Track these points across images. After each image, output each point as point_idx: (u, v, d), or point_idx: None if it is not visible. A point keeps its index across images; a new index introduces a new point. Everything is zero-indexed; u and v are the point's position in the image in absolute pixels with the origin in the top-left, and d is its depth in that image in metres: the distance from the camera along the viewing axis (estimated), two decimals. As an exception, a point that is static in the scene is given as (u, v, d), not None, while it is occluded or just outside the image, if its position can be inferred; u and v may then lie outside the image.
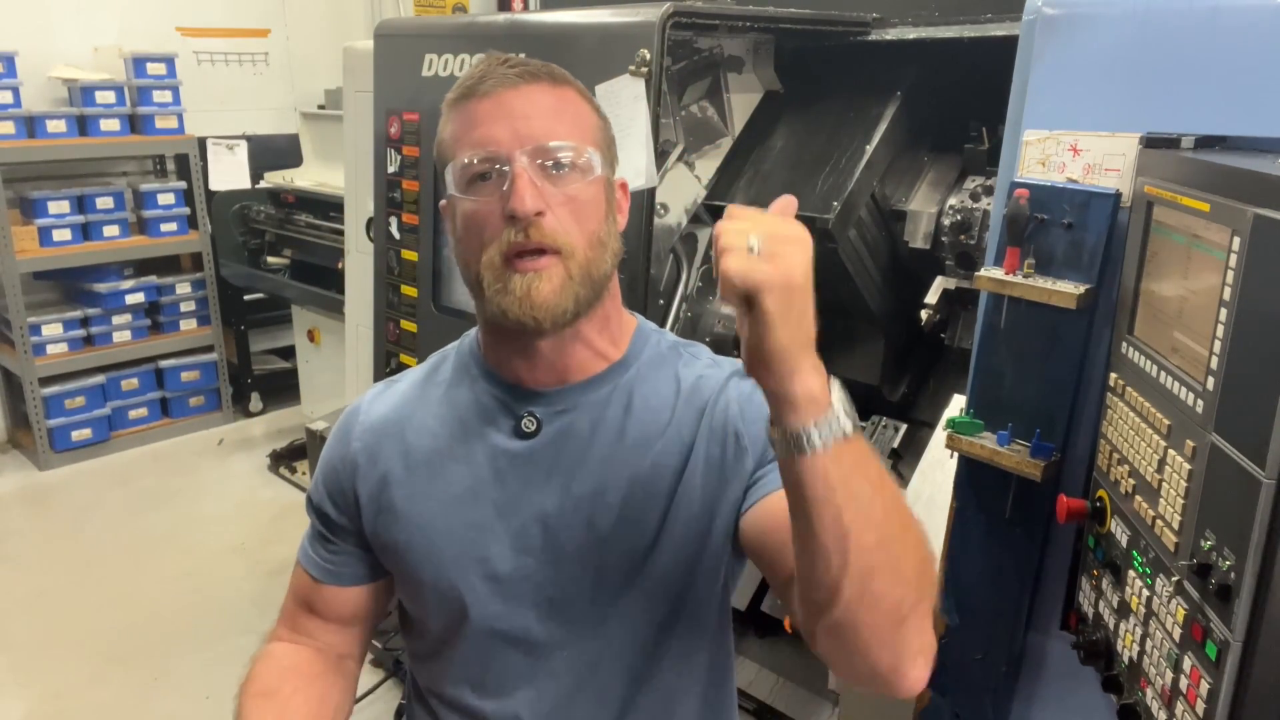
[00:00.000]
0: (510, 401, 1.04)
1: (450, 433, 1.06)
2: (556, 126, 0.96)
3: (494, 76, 0.97)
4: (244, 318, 4.85)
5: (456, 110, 0.99)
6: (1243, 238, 0.89)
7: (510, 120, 0.95)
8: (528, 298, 0.94)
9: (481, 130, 0.96)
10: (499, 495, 1.03)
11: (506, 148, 0.94)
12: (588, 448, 1.02)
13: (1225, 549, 0.92)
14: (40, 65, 4.31)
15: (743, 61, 2.23)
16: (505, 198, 0.94)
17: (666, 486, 1.02)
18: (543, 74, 0.99)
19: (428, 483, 1.05)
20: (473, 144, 0.96)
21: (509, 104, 0.96)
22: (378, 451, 1.08)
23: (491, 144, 0.95)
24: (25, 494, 4.20)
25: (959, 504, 1.42)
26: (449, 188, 0.99)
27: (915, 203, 2.09)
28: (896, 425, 2.26)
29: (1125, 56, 1.22)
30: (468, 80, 0.99)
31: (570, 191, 0.96)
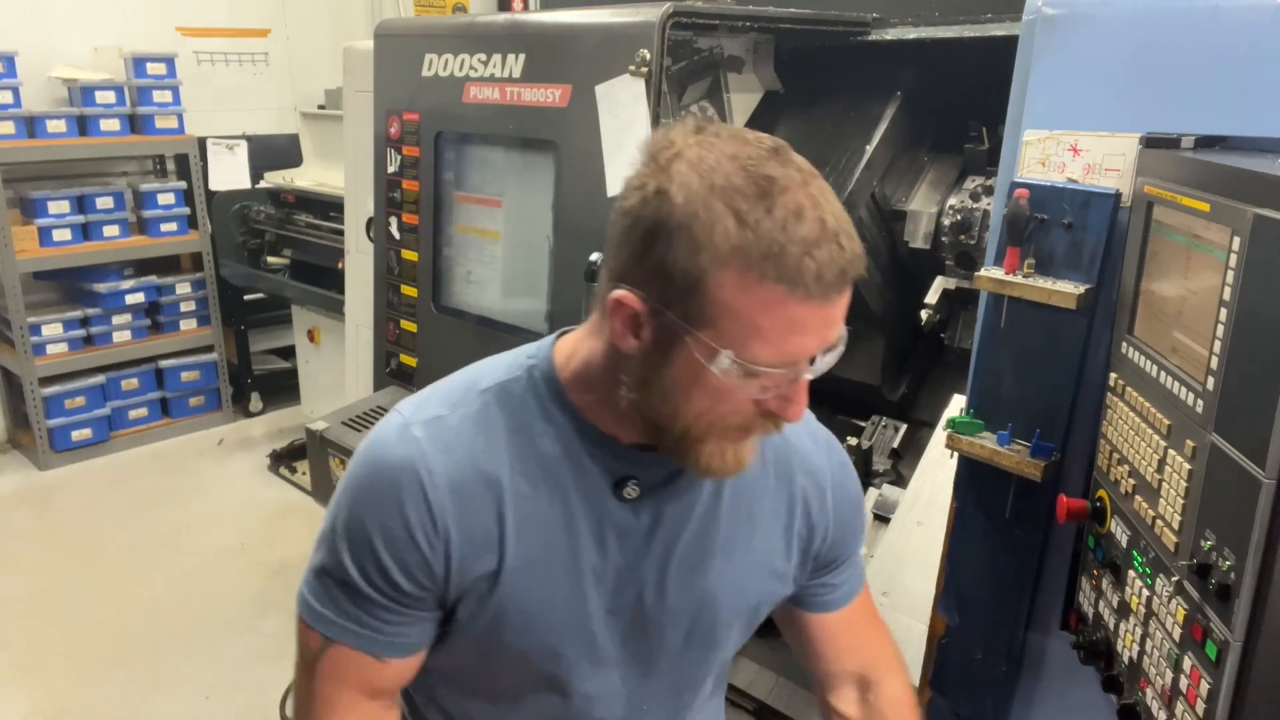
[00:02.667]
0: (610, 461, 0.95)
1: (548, 492, 0.94)
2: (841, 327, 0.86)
3: (836, 284, 0.80)
4: (244, 318, 4.85)
5: (773, 295, 0.79)
6: (1243, 238, 0.89)
7: (823, 331, 0.83)
8: (738, 465, 0.90)
9: (798, 341, 0.81)
10: (598, 562, 0.96)
11: (806, 361, 0.83)
12: (687, 516, 0.99)
13: (1225, 549, 0.92)
14: (40, 65, 4.31)
15: (743, 61, 2.23)
16: (779, 400, 0.85)
17: (760, 555, 1.04)
18: (853, 272, 0.83)
19: (526, 546, 0.94)
20: (782, 352, 0.81)
21: (829, 317, 0.82)
22: (467, 510, 0.92)
23: (800, 359, 0.83)
24: (25, 494, 4.20)
25: (959, 504, 1.42)
26: (710, 360, 0.81)
27: (915, 203, 2.09)
28: (896, 425, 2.26)
29: (1125, 56, 1.22)
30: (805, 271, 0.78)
31: None
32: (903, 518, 1.85)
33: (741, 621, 1.07)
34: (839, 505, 1.09)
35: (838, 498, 1.09)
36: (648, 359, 0.86)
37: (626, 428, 0.93)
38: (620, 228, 0.84)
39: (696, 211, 0.79)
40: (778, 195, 0.79)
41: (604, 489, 0.95)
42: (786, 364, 0.82)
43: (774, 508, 1.05)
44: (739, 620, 1.07)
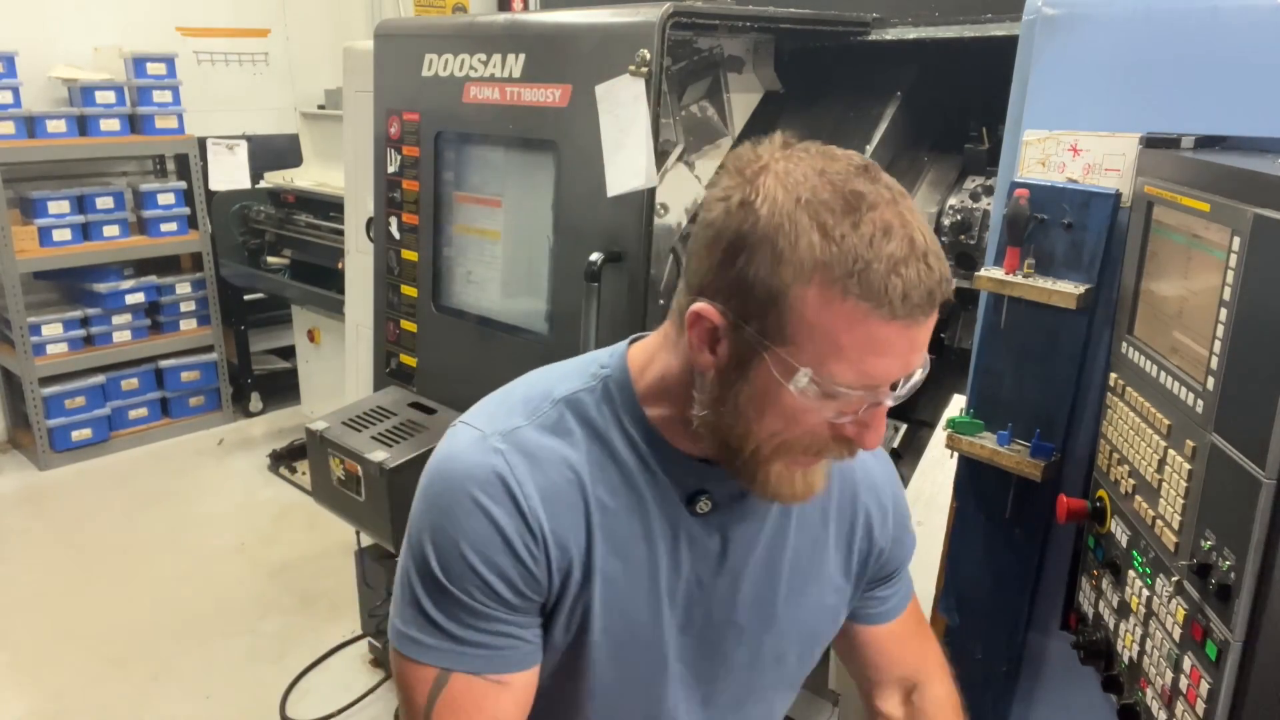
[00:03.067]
0: (682, 476, 0.94)
1: (627, 503, 0.93)
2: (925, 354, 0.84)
3: (923, 305, 0.78)
4: (244, 318, 4.85)
5: (857, 312, 0.77)
6: (1243, 238, 0.89)
7: (908, 356, 0.80)
8: (808, 492, 0.89)
9: (881, 362, 0.79)
10: (671, 576, 0.96)
11: (888, 385, 0.82)
12: (758, 533, 0.99)
13: (1225, 549, 0.92)
14: (40, 65, 4.31)
15: (743, 61, 2.23)
16: (856, 426, 0.83)
17: (824, 572, 1.05)
18: (946, 295, 0.81)
19: (610, 555, 0.93)
20: (863, 374, 0.79)
21: (914, 339, 0.80)
22: (559, 518, 0.91)
23: (882, 382, 0.81)
24: (25, 494, 4.20)
25: (959, 504, 1.42)
26: (788, 378, 0.80)
27: (915, 203, 2.09)
28: (896, 425, 2.26)
29: (1125, 56, 1.22)
30: (892, 289, 0.76)
31: None
32: (903, 518, 1.85)
33: (805, 644, 1.08)
34: (898, 521, 1.10)
35: (897, 514, 1.11)
36: (723, 376, 0.84)
37: (698, 444, 0.91)
38: (702, 240, 0.83)
39: (781, 224, 0.77)
40: (865, 211, 0.77)
41: (677, 502, 0.94)
42: (866, 386, 0.80)
43: (839, 525, 1.06)
44: (804, 642, 1.07)
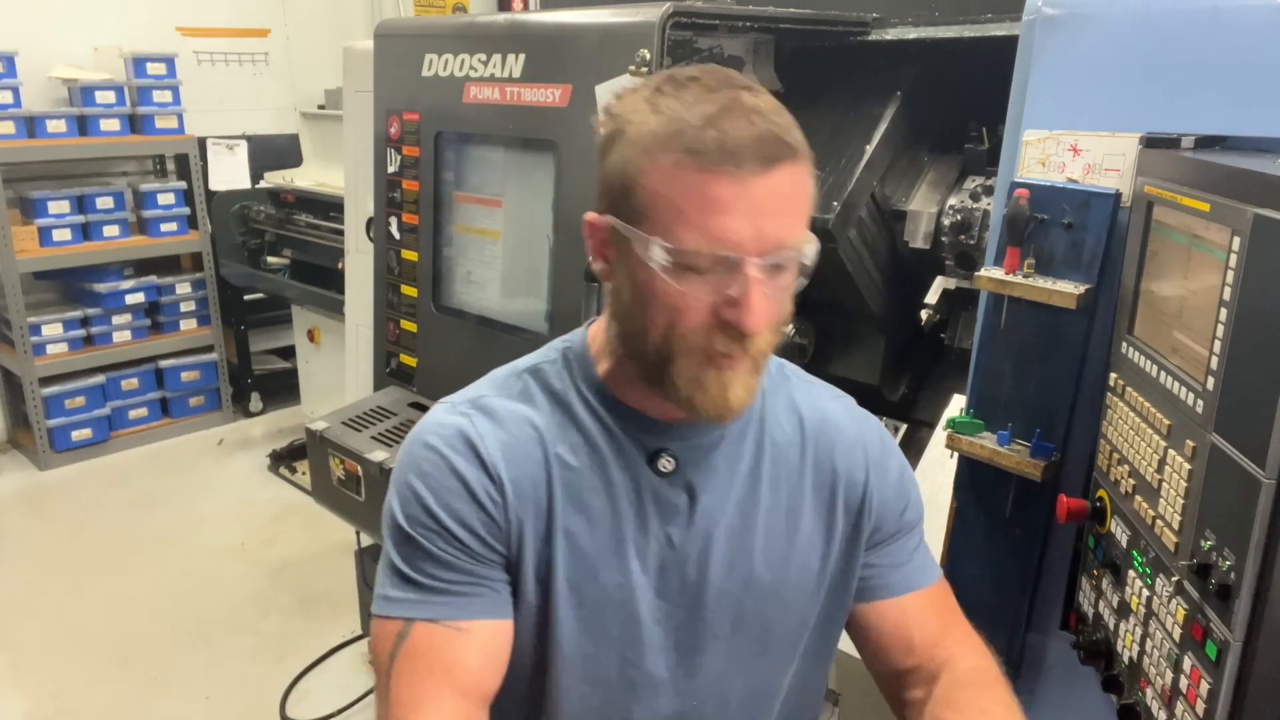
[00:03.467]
0: (642, 436, 0.96)
1: (589, 461, 0.95)
2: (795, 223, 0.84)
3: (745, 155, 0.80)
4: (244, 318, 4.85)
5: (688, 175, 0.80)
6: (1243, 238, 0.89)
7: (754, 216, 0.81)
8: (723, 400, 0.87)
9: (720, 221, 0.80)
10: (639, 536, 0.96)
11: (745, 250, 0.81)
12: (726, 493, 0.98)
13: (1225, 549, 0.92)
14: (40, 65, 4.31)
15: (743, 61, 2.22)
16: (726, 300, 0.82)
17: (805, 538, 1.02)
18: (788, 147, 0.82)
19: (572, 512, 0.95)
20: (707, 235, 0.80)
21: (756, 196, 0.80)
22: (518, 470, 0.94)
23: (730, 244, 0.81)
24: (25, 494, 4.20)
25: (959, 504, 1.42)
26: (646, 254, 0.83)
27: (915, 203, 2.09)
28: (896, 425, 2.26)
29: (1125, 56, 1.22)
30: (709, 142, 0.80)
31: (781, 283, 0.86)
32: (903, 518, 1.85)
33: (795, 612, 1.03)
34: (885, 480, 1.06)
35: (883, 473, 1.06)
36: (615, 279, 0.90)
37: (651, 401, 0.94)
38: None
39: (629, 116, 0.85)
40: (693, 86, 0.83)
41: (639, 462, 0.96)
42: (715, 248, 0.81)
43: (817, 487, 1.03)
44: (792, 609, 1.03)
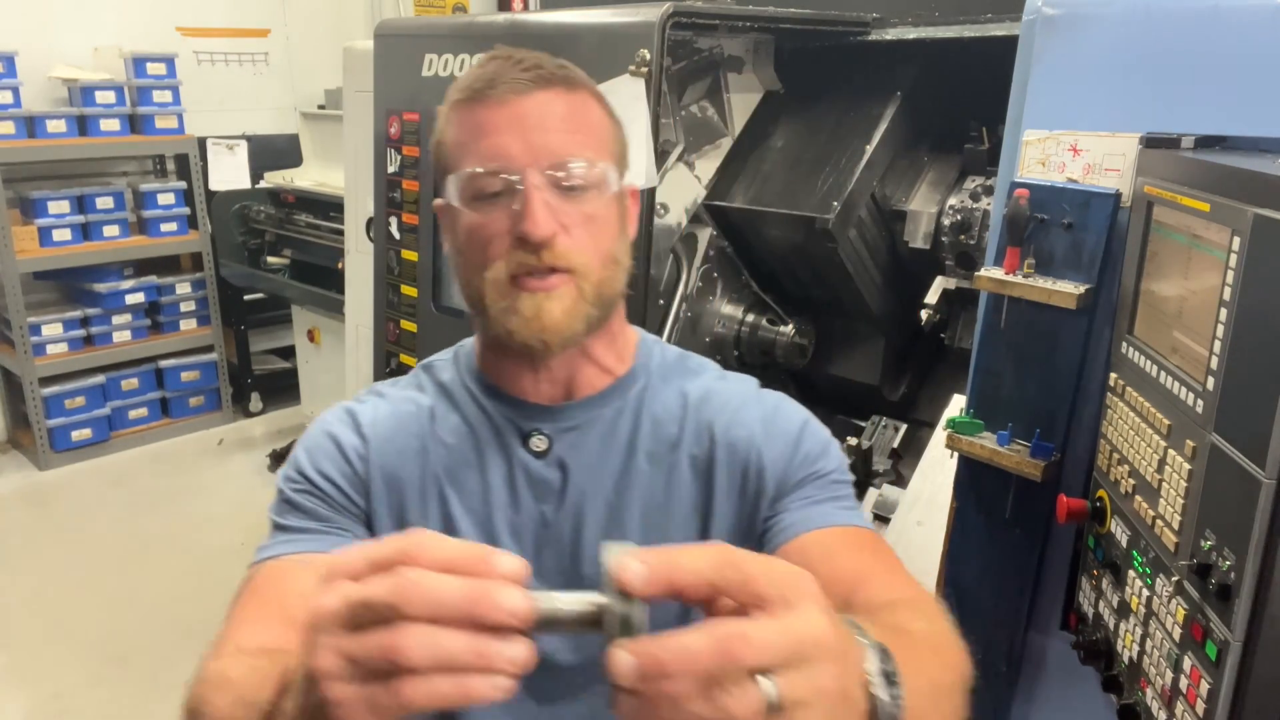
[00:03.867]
0: (516, 418, 0.99)
1: (464, 444, 0.99)
2: (573, 139, 0.90)
3: (506, 81, 0.89)
4: (244, 318, 4.85)
5: (462, 113, 0.92)
6: (1243, 238, 0.89)
7: (523, 132, 0.88)
8: (537, 319, 0.89)
9: (491, 141, 0.89)
10: (512, 514, 0.98)
11: (519, 163, 0.87)
12: (600, 466, 0.98)
13: (1225, 549, 0.92)
14: (40, 65, 4.31)
15: (743, 61, 2.23)
16: (517, 218, 0.87)
17: (686, 508, 0.98)
18: (558, 78, 0.91)
19: (448, 486, 0.98)
20: (481, 156, 0.89)
21: (522, 113, 0.89)
22: (394, 443, 0.99)
23: (502, 158, 0.88)
24: (25, 494, 4.20)
25: (959, 504, 1.42)
26: (450, 197, 0.92)
27: (915, 203, 2.09)
28: (896, 425, 2.26)
29: (1125, 56, 1.22)
30: (476, 81, 0.91)
31: (586, 210, 0.90)
32: (903, 518, 1.85)
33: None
34: (770, 440, 0.98)
35: (767, 433, 0.99)
36: (451, 246, 0.96)
37: (526, 383, 0.98)
38: None
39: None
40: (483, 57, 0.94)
41: (514, 442, 0.99)
42: (490, 164, 0.88)
43: (693, 457, 0.99)
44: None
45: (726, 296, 2.28)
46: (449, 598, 0.50)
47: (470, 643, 0.50)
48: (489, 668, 0.50)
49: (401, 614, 0.50)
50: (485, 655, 0.50)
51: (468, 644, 0.50)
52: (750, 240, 2.23)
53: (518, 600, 0.51)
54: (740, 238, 2.24)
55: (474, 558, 0.52)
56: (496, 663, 0.50)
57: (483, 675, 0.50)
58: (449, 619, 0.50)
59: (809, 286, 2.26)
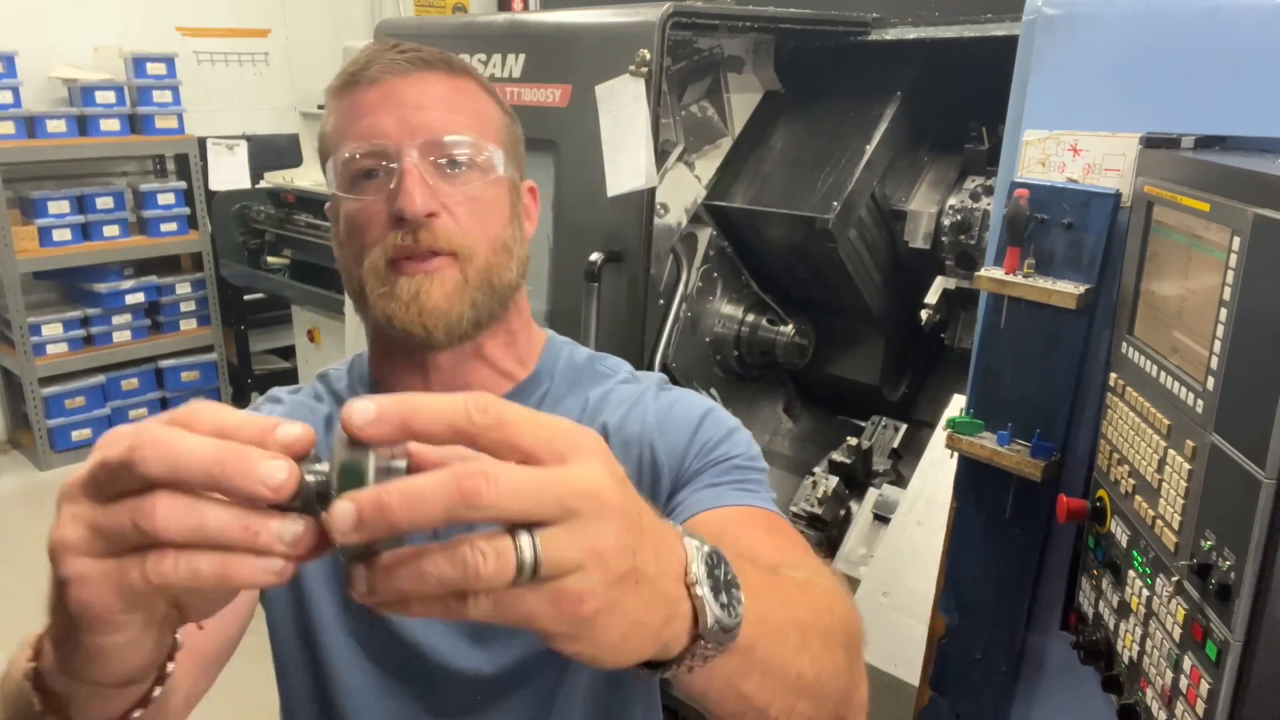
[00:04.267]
0: None
1: None
2: (453, 119, 0.87)
3: (381, 62, 0.87)
4: (244, 318, 4.85)
5: (339, 99, 0.89)
6: (1243, 238, 0.89)
7: (400, 110, 0.85)
8: (415, 302, 0.85)
9: (366, 121, 0.86)
10: None
11: (395, 140, 0.85)
12: None
13: (1225, 549, 0.92)
14: (40, 65, 4.31)
15: (743, 61, 2.23)
16: (392, 196, 0.84)
17: None
18: (437, 62, 0.89)
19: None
20: (356, 136, 0.86)
21: (398, 93, 0.86)
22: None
23: (378, 136, 0.85)
24: (25, 494, 4.20)
25: (959, 504, 1.42)
26: (330, 185, 0.89)
27: (915, 203, 2.09)
28: (896, 425, 2.26)
29: (1125, 56, 1.22)
30: (351, 66, 0.89)
31: (469, 191, 0.87)
32: (903, 518, 1.85)
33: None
34: (664, 428, 0.93)
35: (660, 422, 0.94)
36: (335, 240, 0.94)
37: (416, 387, 0.92)
38: None
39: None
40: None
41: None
42: (367, 145, 0.85)
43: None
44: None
45: (726, 296, 2.28)
46: (192, 459, 0.42)
47: (234, 515, 0.43)
48: (256, 545, 0.43)
49: (139, 475, 0.43)
50: (251, 529, 0.43)
51: (231, 516, 0.43)
52: (750, 240, 2.23)
53: (277, 471, 0.42)
54: (740, 238, 2.24)
55: (251, 424, 0.45)
56: (264, 539, 0.43)
57: (250, 555, 0.43)
58: (192, 482, 0.42)
59: (809, 286, 2.26)
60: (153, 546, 0.43)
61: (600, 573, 0.43)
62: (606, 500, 0.44)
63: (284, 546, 0.43)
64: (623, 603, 0.45)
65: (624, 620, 0.45)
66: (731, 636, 0.51)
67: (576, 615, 0.43)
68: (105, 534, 0.44)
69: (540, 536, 0.42)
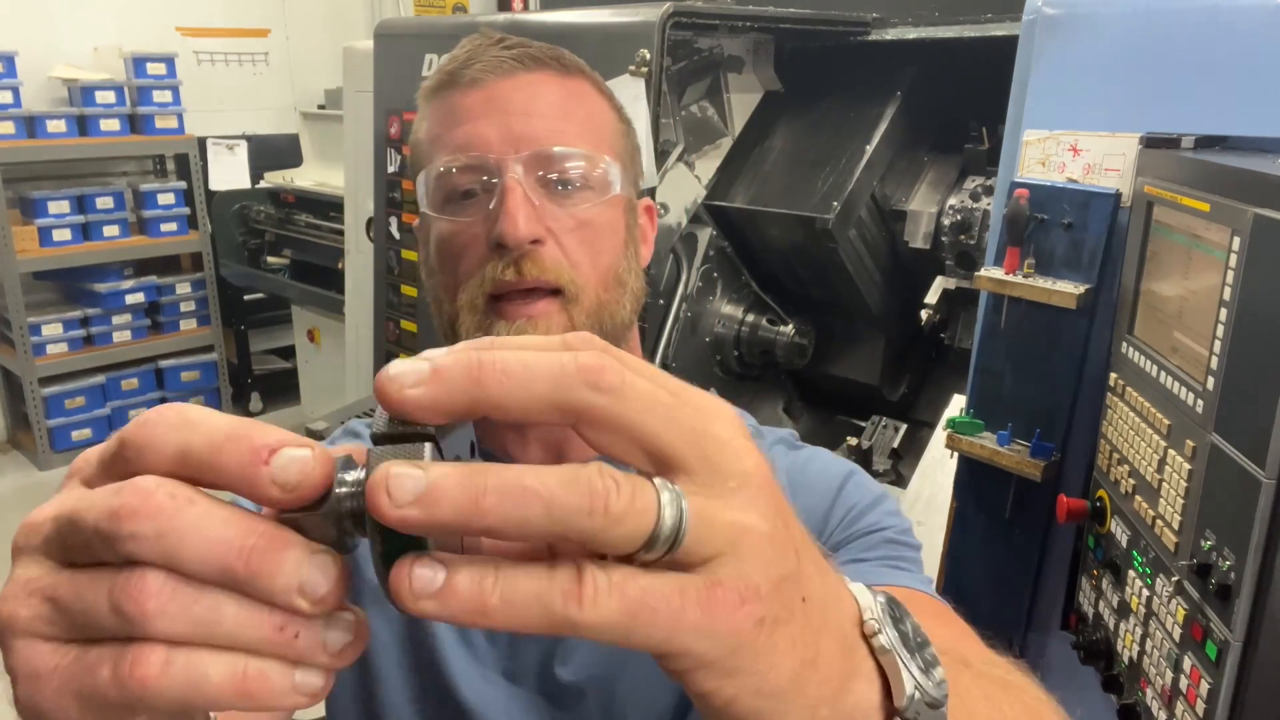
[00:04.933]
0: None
1: None
2: (565, 128, 0.75)
3: (483, 60, 0.76)
4: (244, 318, 4.85)
5: (435, 103, 0.78)
6: (1243, 238, 0.89)
7: (504, 117, 0.74)
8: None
9: (466, 129, 0.75)
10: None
11: (497, 152, 0.73)
12: None
13: (1225, 549, 0.92)
14: (40, 65, 4.31)
15: (743, 61, 2.23)
16: (492, 218, 0.72)
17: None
18: (548, 59, 0.77)
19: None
20: (453, 146, 0.75)
21: (503, 97, 0.75)
22: None
23: (478, 147, 0.74)
24: (25, 494, 4.20)
25: (959, 504, 1.42)
26: (420, 202, 0.78)
27: (915, 203, 2.09)
28: (896, 425, 2.26)
29: (1125, 56, 1.22)
30: (450, 64, 0.78)
31: (580, 214, 0.75)
32: (903, 518, 1.85)
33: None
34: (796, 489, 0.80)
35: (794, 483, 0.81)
36: (424, 267, 0.83)
37: (516, 445, 0.80)
38: None
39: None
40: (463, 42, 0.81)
41: None
42: (465, 159, 0.74)
43: None
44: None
45: (726, 296, 2.28)
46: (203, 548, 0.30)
47: (256, 611, 0.30)
48: (292, 650, 0.31)
49: (123, 554, 0.30)
50: (288, 628, 0.30)
51: (253, 611, 0.30)
52: (750, 240, 2.23)
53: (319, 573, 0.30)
54: (740, 238, 2.24)
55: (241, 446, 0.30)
56: (304, 643, 0.31)
57: (280, 662, 0.31)
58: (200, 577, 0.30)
59: (809, 286, 2.26)
60: (136, 638, 0.30)
61: (759, 564, 0.31)
62: (762, 472, 0.32)
63: (329, 655, 0.31)
64: (791, 623, 0.32)
65: (794, 650, 0.32)
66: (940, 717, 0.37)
67: (733, 624, 0.30)
68: (70, 613, 0.31)
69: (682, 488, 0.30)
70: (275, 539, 0.30)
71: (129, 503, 0.30)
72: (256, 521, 0.30)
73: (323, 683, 0.31)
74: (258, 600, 0.30)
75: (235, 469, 0.30)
